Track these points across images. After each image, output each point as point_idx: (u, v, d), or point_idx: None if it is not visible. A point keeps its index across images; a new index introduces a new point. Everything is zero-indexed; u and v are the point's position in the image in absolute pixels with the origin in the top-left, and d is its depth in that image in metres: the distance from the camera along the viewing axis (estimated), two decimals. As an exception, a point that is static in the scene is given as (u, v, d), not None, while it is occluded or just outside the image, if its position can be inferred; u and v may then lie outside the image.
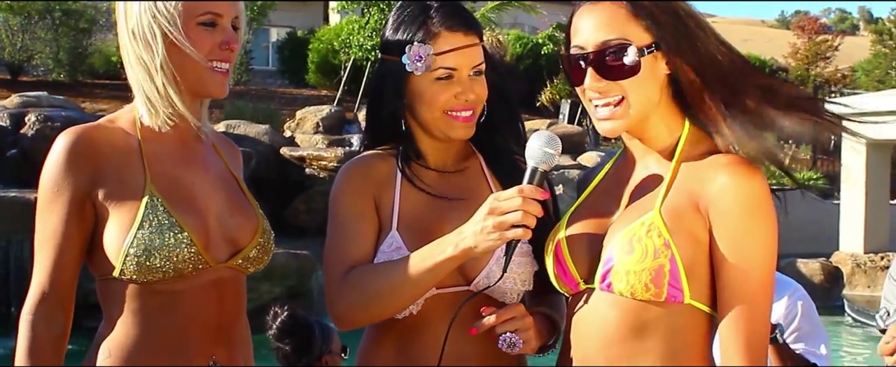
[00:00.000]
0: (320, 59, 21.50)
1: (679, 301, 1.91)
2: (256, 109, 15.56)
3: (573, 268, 2.04)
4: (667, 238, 1.89)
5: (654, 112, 2.01)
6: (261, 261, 2.28)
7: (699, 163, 1.96)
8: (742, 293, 1.88)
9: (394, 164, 2.31)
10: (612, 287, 1.95)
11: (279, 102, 18.39)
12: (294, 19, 26.99)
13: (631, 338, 1.95)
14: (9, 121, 11.68)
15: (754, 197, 1.89)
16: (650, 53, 1.95)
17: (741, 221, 1.88)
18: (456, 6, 2.26)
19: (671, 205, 1.94)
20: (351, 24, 19.35)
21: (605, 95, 1.98)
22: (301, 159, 12.59)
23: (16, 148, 11.18)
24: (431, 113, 2.22)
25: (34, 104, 12.77)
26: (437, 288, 2.16)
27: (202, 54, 2.15)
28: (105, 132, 2.18)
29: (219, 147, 2.36)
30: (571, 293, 2.08)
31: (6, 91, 15.87)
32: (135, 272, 2.09)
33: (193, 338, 2.17)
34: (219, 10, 2.17)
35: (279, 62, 25.57)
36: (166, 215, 2.11)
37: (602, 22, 1.97)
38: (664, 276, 1.89)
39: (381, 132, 2.33)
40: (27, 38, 17.89)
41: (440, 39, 2.19)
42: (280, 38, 26.32)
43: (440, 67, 2.19)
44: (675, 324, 1.94)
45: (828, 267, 13.04)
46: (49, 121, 11.35)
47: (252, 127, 13.34)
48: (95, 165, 2.12)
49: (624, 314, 1.95)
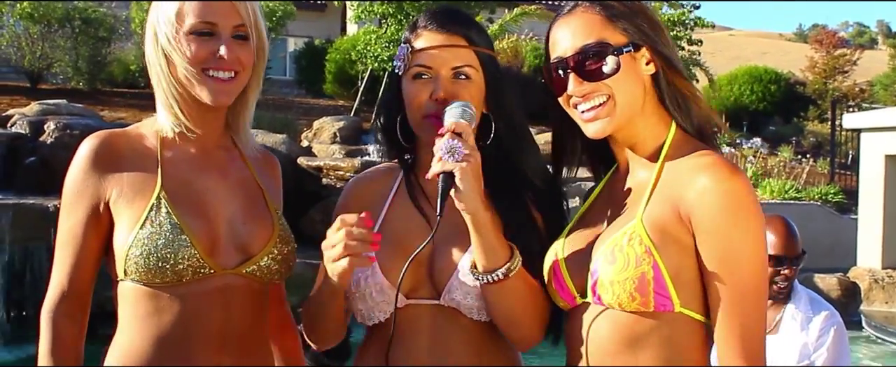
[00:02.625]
0: (338, 69, 21.51)
1: (669, 310, 1.91)
2: (274, 119, 15.57)
3: (569, 282, 2.05)
4: (648, 245, 1.89)
5: (639, 116, 2.03)
6: (278, 272, 2.28)
7: (681, 166, 1.97)
8: (732, 296, 1.87)
9: (394, 177, 2.35)
10: (601, 299, 1.95)
11: (296, 111, 18.42)
12: (312, 29, 27.05)
13: (626, 351, 1.96)
14: (28, 129, 11.73)
15: (735, 197, 1.88)
16: (628, 53, 1.99)
17: (724, 223, 1.87)
18: (446, 10, 2.26)
19: (654, 212, 1.94)
20: (368, 34, 19.35)
21: (589, 99, 2.01)
22: (318, 169, 12.61)
23: (35, 156, 11.23)
24: (413, 115, 2.23)
25: (53, 112, 12.81)
26: (408, 298, 2.20)
27: (194, 62, 2.16)
28: (127, 138, 2.24)
29: (251, 158, 2.37)
30: (569, 308, 2.08)
31: (26, 99, 15.94)
32: (135, 273, 2.12)
33: (196, 345, 2.17)
34: (214, 20, 2.17)
35: (297, 72, 25.59)
36: (168, 217, 2.12)
37: (578, 29, 2.02)
38: (648, 284, 1.89)
39: (387, 142, 2.37)
40: (47, 46, 17.97)
41: (420, 38, 2.21)
42: (298, 48, 26.36)
43: (415, 65, 2.19)
44: (669, 334, 1.93)
45: (845, 282, 12.95)
46: (68, 129, 11.39)
47: (269, 136, 13.36)
48: (114, 169, 2.17)
49: (617, 326, 1.95)
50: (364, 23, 21.22)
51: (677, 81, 2.04)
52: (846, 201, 16.19)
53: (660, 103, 2.06)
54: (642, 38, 2.00)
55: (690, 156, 1.98)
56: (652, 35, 2.02)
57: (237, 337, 2.23)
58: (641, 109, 2.03)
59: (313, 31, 27.03)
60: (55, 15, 18.03)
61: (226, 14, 2.19)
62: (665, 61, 2.03)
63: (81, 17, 18.24)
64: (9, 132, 11.87)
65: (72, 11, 18.26)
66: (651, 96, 2.04)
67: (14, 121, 12.23)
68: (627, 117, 2.02)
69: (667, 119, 2.06)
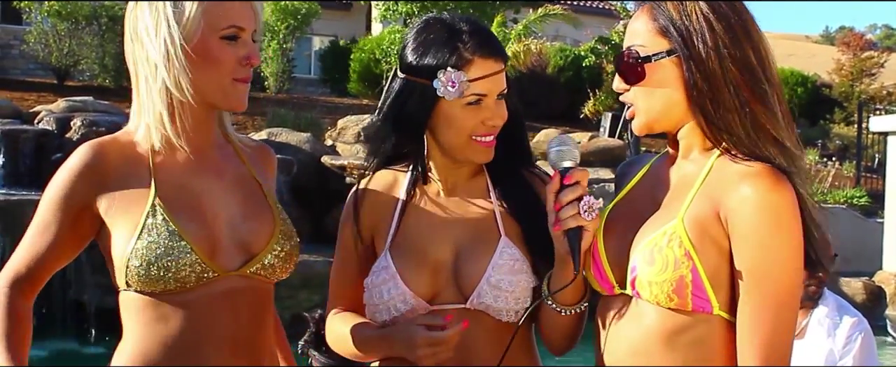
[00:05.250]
0: (362, 68, 21.55)
1: (708, 311, 1.91)
2: (298, 118, 15.61)
3: (609, 271, 2.05)
4: (688, 248, 1.89)
5: (686, 117, 2.01)
6: (282, 269, 2.25)
7: (730, 170, 1.94)
8: (763, 303, 1.86)
9: (402, 183, 2.35)
10: (640, 295, 1.96)
11: (321, 110, 18.45)
12: (336, 28, 27.11)
13: (661, 345, 1.95)
14: (55, 125, 11.82)
15: (774, 210, 1.86)
16: (659, 60, 1.98)
17: (760, 234, 1.86)
18: (486, 32, 2.27)
19: (695, 213, 1.93)
20: (393, 33, 19.41)
21: (623, 97, 2.06)
22: (342, 168, 12.63)
23: (61, 152, 11.27)
24: (458, 138, 2.23)
25: (80, 109, 12.91)
26: (431, 304, 2.23)
27: (226, 69, 2.14)
28: (118, 145, 2.19)
29: (244, 152, 2.34)
30: (607, 295, 2.08)
31: (53, 96, 16.06)
32: (138, 283, 2.09)
33: (209, 351, 2.14)
34: (242, 24, 2.15)
35: (321, 71, 25.66)
36: (166, 225, 2.10)
37: (633, 30, 2.04)
38: (686, 287, 1.89)
39: (395, 149, 2.35)
40: (74, 43, 18.10)
41: (473, 66, 2.19)
42: (322, 47, 26.44)
43: (472, 94, 2.19)
44: (705, 335, 1.93)
45: (870, 286, 12.85)
46: (94, 126, 11.47)
47: (293, 135, 13.41)
48: (101, 178, 2.14)
49: (654, 321, 1.95)
50: (389, 22, 21.30)
51: (722, 95, 1.95)
52: (872, 204, 16.08)
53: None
54: (683, 48, 1.96)
55: (740, 161, 1.94)
56: (701, 46, 1.94)
57: (247, 340, 2.20)
58: (686, 113, 2.00)
59: (338, 30, 27.09)
60: (82, 13, 18.16)
61: (250, 18, 2.18)
62: (701, 74, 1.94)
63: (108, 15, 18.36)
64: (36, 129, 11.97)
65: (99, 9, 18.39)
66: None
67: (41, 117, 12.34)
68: (659, 121, 2.02)
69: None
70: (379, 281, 2.24)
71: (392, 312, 2.23)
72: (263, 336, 2.27)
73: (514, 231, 2.27)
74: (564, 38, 26.34)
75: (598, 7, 31.14)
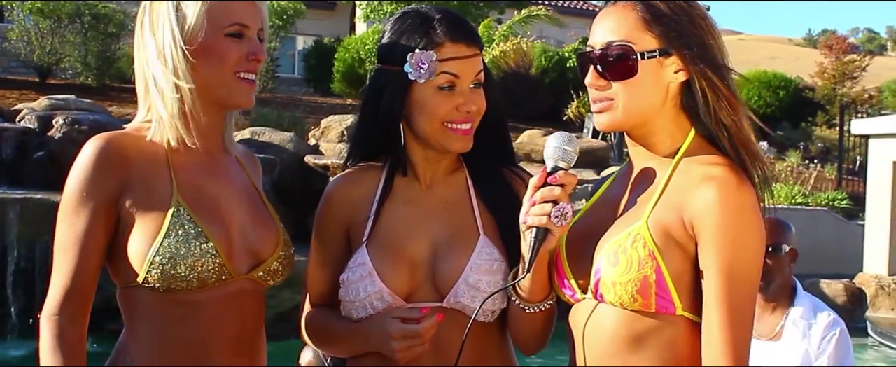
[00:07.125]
0: (346, 67, 21.54)
1: (670, 312, 1.93)
2: (281, 117, 15.59)
3: (571, 277, 2.06)
4: (652, 249, 1.91)
5: (657, 118, 2.03)
6: (281, 275, 2.29)
7: (692, 173, 1.97)
8: (729, 305, 1.88)
9: (379, 177, 2.33)
10: (603, 298, 1.97)
11: (304, 110, 18.43)
12: (320, 28, 27.10)
13: (627, 349, 1.97)
14: (36, 123, 11.74)
15: (737, 212, 1.89)
16: (652, 58, 1.98)
17: (725, 235, 1.88)
18: (458, 18, 2.27)
19: (660, 215, 1.95)
20: (377, 33, 19.36)
21: (601, 92, 2.03)
22: (325, 168, 12.60)
23: (43, 150, 11.24)
24: (431, 124, 2.22)
25: (62, 107, 12.82)
26: (408, 302, 2.21)
27: (230, 65, 2.15)
28: (133, 140, 2.19)
29: (242, 160, 2.37)
30: (571, 303, 2.09)
31: (34, 94, 15.98)
32: (159, 281, 2.09)
33: (215, 350, 2.17)
34: (246, 22, 2.17)
35: (305, 70, 25.64)
36: (192, 225, 2.11)
37: (611, 25, 2.03)
38: (650, 287, 1.91)
39: (373, 144, 2.33)
40: (56, 41, 18.02)
41: (444, 48, 2.19)
42: (306, 47, 26.41)
43: (443, 73, 2.19)
44: (671, 336, 1.95)
45: (851, 288, 12.92)
46: (76, 124, 11.39)
47: (277, 134, 13.37)
48: (125, 172, 2.12)
49: (619, 324, 1.97)
50: (373, 22, 21.26)
51: (713, 94, 1.99)
52: (853, 206, 16.17)
53: (681, 108, 2.04)
54: (676, 46, 1.98)
55: (703, 163, 1.97)
56: (691, 44, 1.98)
57: (249, 340, 2.25)
58: (658, 113, 2.02)
59: (322, 29, 27.08)
60: (65, 10, 18.09)
61: (256, 16, 2.20)
62: (701, 73, 1.99)
63: (91, 13, 18.30)
64: (17, 127, 11.89)
65: (82, 7, 18.32)
66: (674, 101, 2.03)
67: (23, 115, 12.25)
68: (634, 119, 2.02)
69: (686, 124, 2.05)
70: (355, 278, 2.22)
71: (368, 309, 2.22)
72: (260, 337, 2.31)
73: (492, 230, 2.26)
74: (548, 40, 26.39)
75: (582, 8, 31.23)
